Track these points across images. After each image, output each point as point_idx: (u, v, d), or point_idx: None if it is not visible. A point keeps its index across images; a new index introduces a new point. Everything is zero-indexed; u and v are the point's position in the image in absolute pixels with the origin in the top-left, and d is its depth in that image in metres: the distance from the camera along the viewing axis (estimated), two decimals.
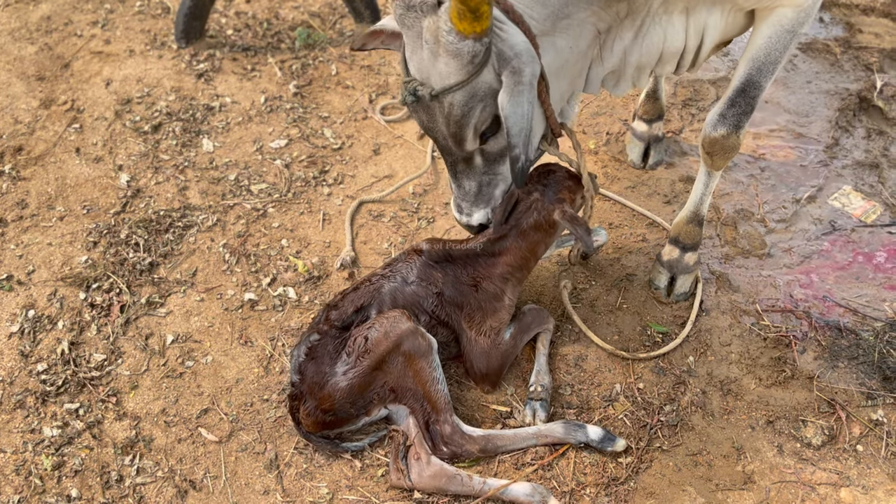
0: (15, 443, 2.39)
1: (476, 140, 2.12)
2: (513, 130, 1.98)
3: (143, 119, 3.47)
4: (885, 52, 3.75)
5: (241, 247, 2.96)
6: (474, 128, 2.08)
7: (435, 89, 2.00)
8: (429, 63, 2.00)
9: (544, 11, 2.03)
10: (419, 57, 2.02)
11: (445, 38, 1.91)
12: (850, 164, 3.25)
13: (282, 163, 3.29)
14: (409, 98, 2.04)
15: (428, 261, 2.42)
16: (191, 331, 2.68)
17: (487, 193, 2.29)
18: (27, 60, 3.76)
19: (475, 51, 1.92)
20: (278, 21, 4.04)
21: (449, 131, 2.08)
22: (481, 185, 2.26)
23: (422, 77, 2.04)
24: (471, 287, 2.41)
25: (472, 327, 2.42)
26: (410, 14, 1.97)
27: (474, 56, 1.93)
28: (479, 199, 2.29)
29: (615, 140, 3.38)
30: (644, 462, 2.31)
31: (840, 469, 2.28)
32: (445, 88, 1.98)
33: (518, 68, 1.96)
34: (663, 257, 2.74)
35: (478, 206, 2.30)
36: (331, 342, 2.32)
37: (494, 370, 2.43)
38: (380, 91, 3.64)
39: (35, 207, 3.10)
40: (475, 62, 1.94)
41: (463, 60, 1.93)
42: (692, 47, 2.30)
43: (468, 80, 1.97)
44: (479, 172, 2.24)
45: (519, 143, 1.99)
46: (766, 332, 2.63)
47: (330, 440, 2.32)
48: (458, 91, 1.98)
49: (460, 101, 2.00)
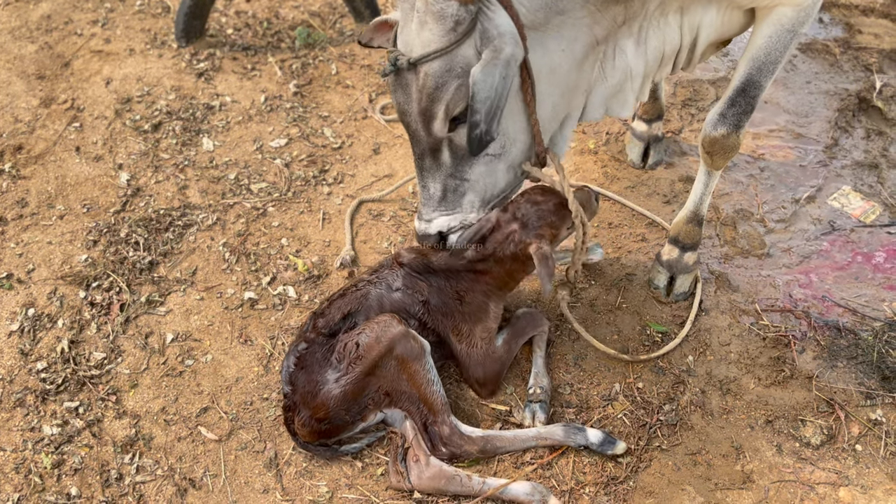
0: (15, 441, 2.39)
1: (446, 123, 2.02)
2: (477, 95, 1.90)
3: (143, 118, 3.47)
4: (884, 53, 3.75)
5: (241, 246, 2.96)
6: (446, 106, 1.99)
7: (413, 57, 1.96)
8: (415, 33, 1.97)
9: (537, 1, 1.99)
10: (408, 29, 2.00)
11: (431, 1, 1.89)
12: (850, 164, 3.25)
13: (282, 162, 3.29)
14: (388, 68, 2.00)
15: (411, 270, 2.41)
16: (190, 329, 2.68)
17: (452, 200, 2.17)
18: (27, 59, 3.76)
19: (459, 16, 1.90)
20: (278, 20, 4.04)
21: (420, 107, 2.01)
22: (446, 188, 2.15)
23: (406, 49, 2.01)
24: (455, 300, 2.39)
25: (461, 340, 2.41)
26: None
27: (458, 22, 1.90)
28: (442, 205, 2.16)
29: (615, 140, 3.39)
30: (643, 461, 2.31)
31: (839, 468, 2.29)
32: (424, 56, 1.94)
33: (498, 46, 1.91)
34: (663, 257, 2.75)
35: (439, 212, 2.18)
36: (319, 350, 2.30)
37: (491, 377, 2.43)
38: (380, 90, 3.64)
39: (35, 206, 3.10)
40: (458, 30, 1.91)
41: (446, 25, 1.90)
42: (687, 45, 2.29)
43: (448, 49, 1.92)
44: (445, 172, 2.13)
45: (482, 109, 1.91)
46: (766, 331, 2.63)
47: (328, 448, 2.31)
48: (435, 60, 1.94)
49: (436, 71, 1.95)
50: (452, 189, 2.16)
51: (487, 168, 2.16)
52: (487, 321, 2.42)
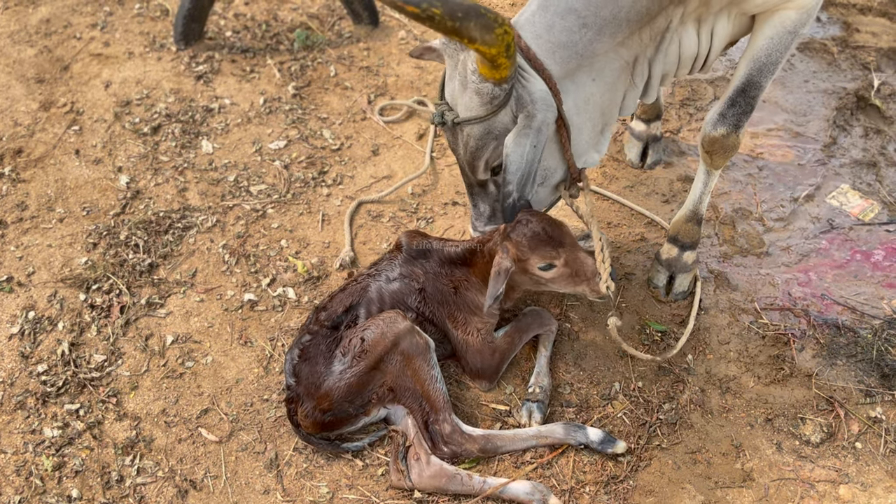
0: (15, 443, 2.39)
1: (487, 172, 2.25)
2: (509, 168, 2.09)
3: (143, 121, 3.48)
4: (882, 52, 3.76)
5: (241, 247, 2.96)
6: (486, 161, 2.21)
7: (458, 117, 2.14)
8: (458, 92, 2.15)
9: (567, 53, 2.10)
10: (453, 85, 2.17)
11: (470, 76, 2.06)
12: (848, 162, 3.26)
13: (281, 164, 3.30)
14: (436, 119, 2.19)
15: (408, 256, 2.46)
16: (191, 331, 2.69)
17: (500, 217, 2.38)
18: (27, 63, 3.77)
19: (494, 94, 2.06)
20: (277, 23, 4.04)
21: (465, 158, 2.23)
22: (494, 209, 2.38)
23: (452, 103, 2.19)
24: (450, 288, 2.43)
25: (457, 327, 2.43)
26: (451, 45, 2.13)
27: (493, 98, 2.07)
28: (492, 220, 2.40)
29: (613, 140, 3.39)
30: (643, 460, 2.31)
31: (839, 466, 2.29)
32: (466, 119, 2.13)
33: (531, 113, 2.08)
34: (662, 256, 2.75)
35: (490, 225, 2.41)
36: (322, 341, 2.33)
37: (489, 367, 2.44)
38: (378, 92, 3.65)
39: (35, 209, 3.10)
40: (494, 103, 2.08)
41: (483, 99, 2.08)
42: (704, 52, 2.35)
43: (485, 118, 2.10)
44: (492, 197, 2.36)
45: (513, 180, 2.11)
46: (765, 330, 2.64)
47: (330, 441, 2.32)
48: (476, 125, 2.13)
49: (476, 135, 2.15)
50: (500, 208, 2.37)
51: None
52: (483, 314, 2.42)
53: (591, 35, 2.08)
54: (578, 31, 2.07)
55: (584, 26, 2.06)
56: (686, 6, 2.17)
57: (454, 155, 2.31)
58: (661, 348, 2.60)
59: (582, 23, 2.06)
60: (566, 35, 2.07)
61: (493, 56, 1.92)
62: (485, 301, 2.25)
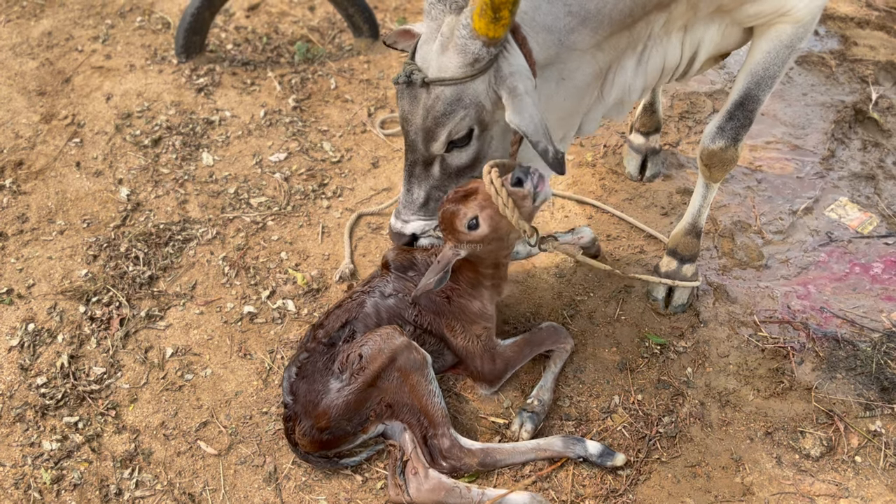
0: (14, 456, 2.39)
1: (445, 145, 2.13)
2: (529, 133, 2.00)
3: (144, 133, 3.49)
4: (879, 65, 3.78)
5: (241, 260, 2.97)
6: (448, 131, 2.09)
7: (429, 76, 2.04)
8: (435, 53, 2.05)
9: (549, 38, 2.07)
10: (429, 47, 2.08)
11: (459, 32, 1.97)
12: (847, 175, 3.27)
13: (281, 176, 3.31)
14: (401, 78, 2.08)
15: (397, 272, 2.43)
16: (190, 344, 2.69)
17: (432, 208, 2.28)
18: (28, 75, 3.79)
19: (479, 55, 1.98)
20: (278, 36, 4.07)
21: (424, 124, 2.10)
22: (429, 197, 2.26)
23: (423, 65, 2.08)
24: (443, 298, 2.41)
25: (456, 336, 2.42)
26: (438, 6, 2.04)
27: (477, 59, 1.98)
28: (422, 210, 2.28)
29: (612, 152, 3.40)
30: (643, 474, 2.31)
31: (839, 480, 2.28)
32: (438, 79, 2.03)
33: (513, 85, 2.00)
34: (661, 269, 2.75)
35: (417, 216, 2.29)
36: (320, 359, 2.32)
37: (491, 372, 2.43)
38: (378, 105, 3.66)
39: (35, 221, 3.11)
40: (475, 66, 1.99)
41: (466, 58, 1.99)
42: (686, 60, 2.33)
43: (462, 80, 2.01)
44: (431, 183, 2.24)
45: (540, 138, 2.00)
46: (764, 343, 2.64)
47: (328, 459, 2.32)
48: (449, 86, 2.03)
49: (446, 98, 2.04)
50: (435, 199, 2.26)
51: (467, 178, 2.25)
52: (481, 318, 2.42)
53: (574, 24, 2.05)
54: (563, 17, 2.04)
55: (569, 13, 2.04)
56: (671, 12, 2.14)
57: (405, 126, 2.16)
58: (661, 361, 2.60)
59: (567, 10, 2.04)
60: (551, 19, 2.04)
61: (499, 4, 1.84)
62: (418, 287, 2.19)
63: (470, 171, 2.22)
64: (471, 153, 2.17)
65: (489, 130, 2.15)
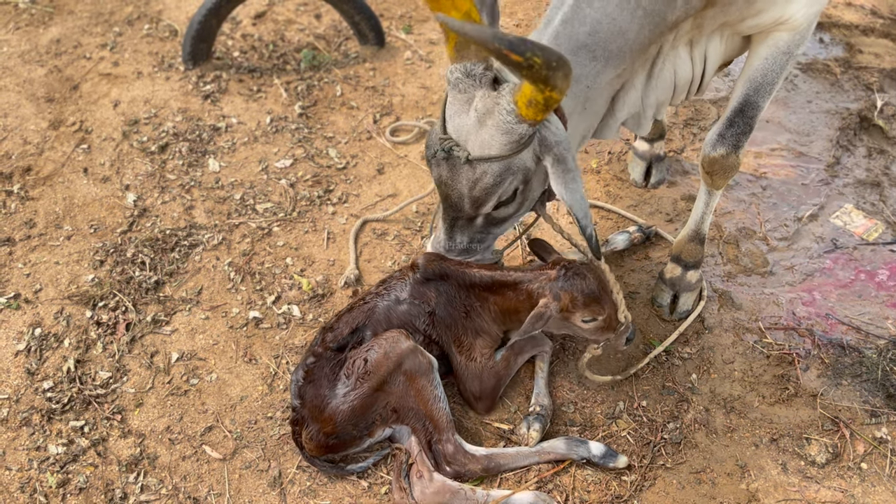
0: (20, 460, 2.40)
1: (493, 207, 2.18)
2: (579, 215, 2.06)
3: (150, 139, 3.51)
4: (884, 72, 3.78)
5: (247, 265, 2.98)
6: (497, 197, 2.14)
7: (472, 154, 2.07)
8: (472, 129, 2.07)
9: (577, 88, 2.11)
10: (462, 120, 2.08)
11: (502, 117, 2.00)
12: (852, 182, 3.27)
13: (287, 182, 3.32)
14: (440, 154, 2.10)
15: (422, 278, 2.40)
16: (196, 349, 2.70)
17: (472, 249, 2.35)
18: (37, 82, 3.82)
19: (522, 133, 2.02)
20: (284, 43, 4.09)
21: (470, 195, 2.14)
22: (472, 241, 2.32)
23: (459, 138, 2.10)
24: (462, 313, 2.40)
25: (461, 352, 2.42)
26: (467, 80, 2.05)
27: (521, 137, 2.03)
28: (464, 253, 2.35)
29: (617, 159, 3.41)
30: (647, 480, 2.31)
31: (844, 487, 2.28)
32: (484, 157, 2.06)
33: (561, 156, 2.04)
34: (666, 275, 2.76)
35: (460, 257, 2.37)
36: (327, 364, 2.32)
37: (488, 392, 2.44)
38: (384, 112, 3.68)
39: (43, 227, 3.13)
40: (520, 143, 2.04)
41: (510, 138, 2.02)
42: (698, 74, 2.36)
43: (509, 156, 2.05)
44: (475, 231, 2.30)
45: (588, 223, 2.07)
46: (769, 349, 2.63)
47: (334, 464, 2.32)
48: (495, 163, 2.06)
49: (494, 172, 2.07)
50: (477, 241, 2.33)
51: (510, 224, 2.34)
52: (488, 338, 2.43)
53: (599, 68, 2.10)
54: (588, 64, 2.09)
55: (593, 59, 2.08)
56: (678, 31, 2.18)
57: (444, 190, 2.18)
58: (666, 367, 2.59)
59: (592, 56, 2.08)
60: (578, 70, 2.07)
61: (551, 100, 1.88)
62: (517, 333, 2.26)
63: (513, 217, 2.29)
64: (515, 206, 2.23)
65: (531, 182, 2.20)
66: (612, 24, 2.05)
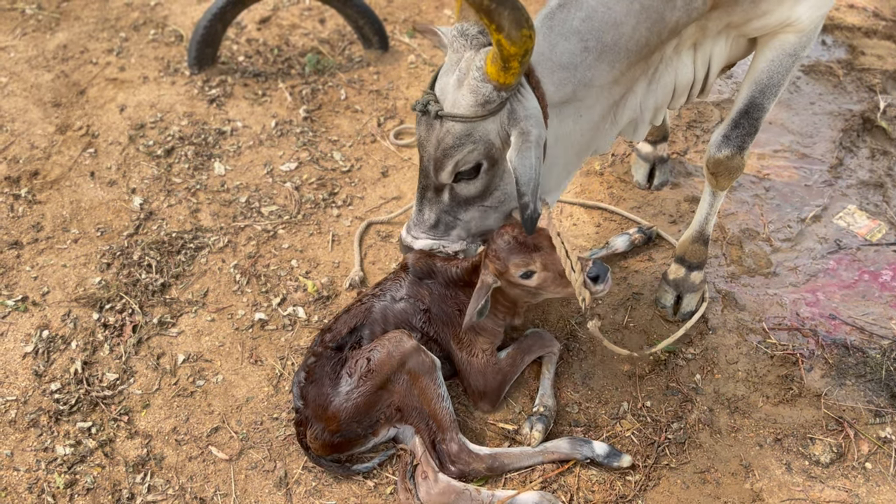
0: (28, 461, 2.42)
1: (451, 176, 2.18)
2: (521, 180, 2.05)
3: (156, 143, 3.54)
4: (887, 74, 3.79)
5: (252, 267, 3.00)
6: (455, 162, 2.14)
7: (443, 110, 2.09)
8: (452, 87, 2.10)
9: (566, 76, 2.10)
10: (448, 79, 2.12)
11: (473, 73, 2.02)
12: (855, 183, 3.27)
13: (292, 185, 3.34)
14: (419, 106, 2.14)
15: (414, 277, 2.44)
16: (202, 350, 2.71)
17: (441, 230, 2.32)
18: (44, 87, 3.85)
19: (489, 98, 2.02)
20: (288, 48, 4.12)
21: (434, 154, 2.16)
22: (439, 220, 2.30)
23: (441, 96, 2.13)
24: (455, 310, 2.42)
25: (462, 348, 2.44)
26: (460, 40, 2.10)
27: (487, 102, 2.03)
28: (432, 231, 2.32)
29: (620, 161, 3.42)
30: (652, 480, 2.31)
31: (849, 487, 2.28)
32: (450, 114, 2.08)
33: (526, 129, 2.04)
34: (669, 276, 2.76)
35: (426, 235, 2.33)
36: (327, 363, 2.34)
37: (492, 389, 2.45)
38: (388, 115, 3.70)
39: (50, 230, 3.16)
40: (486, 108, 2.04)
41: (477, 99, 2.03)
42: (700, 77, 2.36)
43: (472, 119, 2.06)
44: (442, 208, 2.28)
45: (528, 192, 2.05)
46: (773, 350, 2.64)
47: (340, 464, 2.33)
48: (459, 122, 2.07)
49: (456, 133, 2.09)
50: (445, 222, 2.30)
51: (481, 214, 2.30)
52: (487, 335, 2.44)
53: (591, 60, 2.09)
54: (580, 53, 2.08)
55: (585, 49, 2.08)
56: (681, 36, 2.18)
57: (420, 151, 2.22)
58: (670, 368, 2.60)
59: (584, 45, 2.08)
60: (567, 57, 2.08)
61: (508, 55, 1.88)
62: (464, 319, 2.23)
63: (479, 202, 2.26)
64: (478, 186, 2.22)
65: (498, 167, 2.19)
66: (606, 13, 2.04)
